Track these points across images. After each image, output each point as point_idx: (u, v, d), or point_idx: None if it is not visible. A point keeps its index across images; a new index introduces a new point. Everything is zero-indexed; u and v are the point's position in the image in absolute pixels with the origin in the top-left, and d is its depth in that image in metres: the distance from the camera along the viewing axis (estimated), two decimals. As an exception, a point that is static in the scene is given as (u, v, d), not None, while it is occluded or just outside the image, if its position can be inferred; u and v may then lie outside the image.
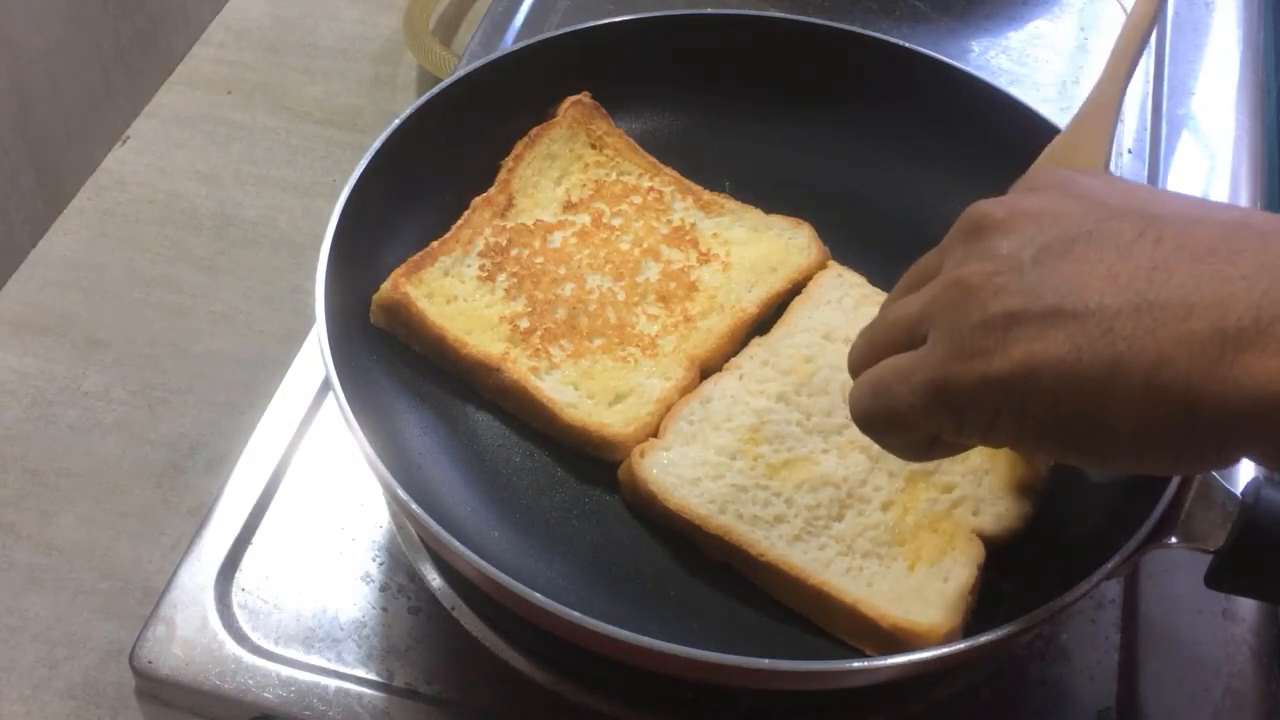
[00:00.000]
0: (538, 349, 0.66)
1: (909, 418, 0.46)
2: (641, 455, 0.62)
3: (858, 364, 0.50)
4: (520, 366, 0.65)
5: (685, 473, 0.62)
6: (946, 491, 0.61)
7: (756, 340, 0.68)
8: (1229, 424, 0.39)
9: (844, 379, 0.65)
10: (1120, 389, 0.40)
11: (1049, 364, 0.41)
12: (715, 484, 0.61)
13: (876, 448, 0.61)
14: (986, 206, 0.45)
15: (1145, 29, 0.68)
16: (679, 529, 0.61)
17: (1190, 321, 0.39)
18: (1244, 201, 0.88)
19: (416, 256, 0.69)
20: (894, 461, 0.62)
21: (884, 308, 0.50)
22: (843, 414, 0.63)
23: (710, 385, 0.66)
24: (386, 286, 0.67)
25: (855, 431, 0.63)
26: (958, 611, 0.56)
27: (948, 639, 0.55)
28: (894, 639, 0.56)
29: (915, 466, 0.62)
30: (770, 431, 0.63)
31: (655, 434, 0.64)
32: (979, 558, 0.59)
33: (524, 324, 0.67)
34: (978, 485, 0.62)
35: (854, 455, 0.63)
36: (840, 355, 0.66)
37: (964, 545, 0.59)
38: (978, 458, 0.63)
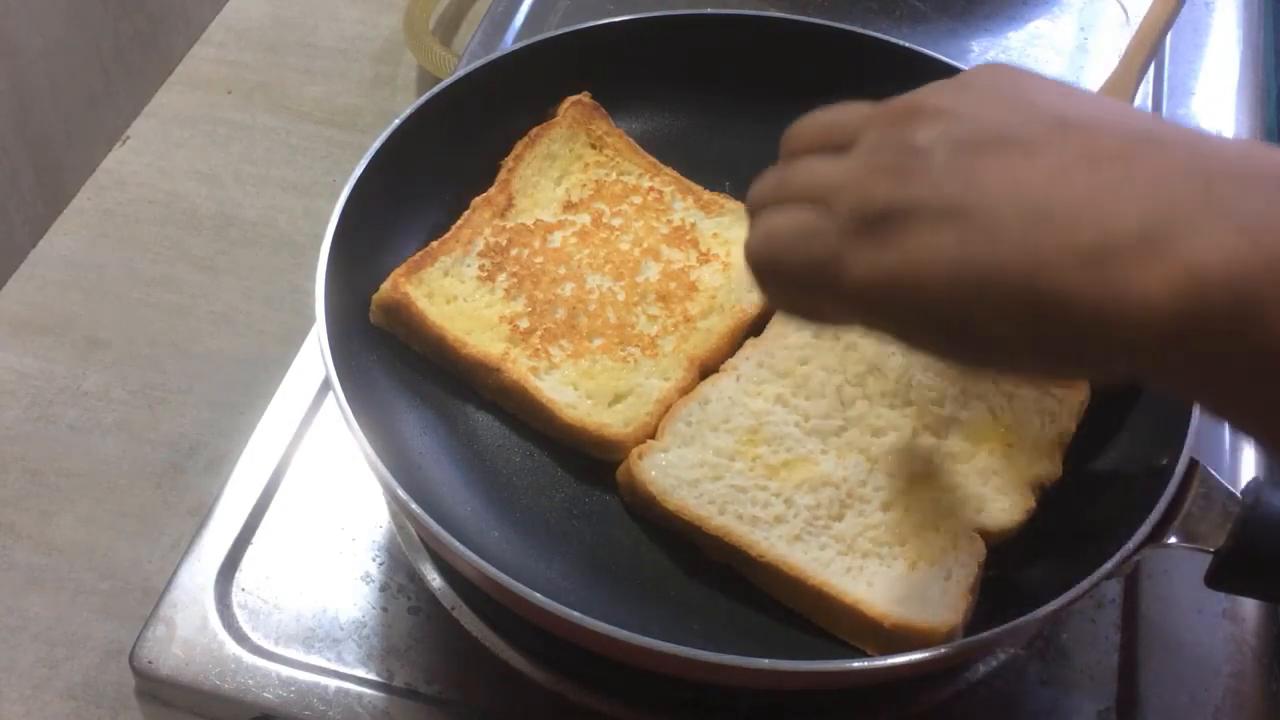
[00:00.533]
0: (537, 349, 0.66)
1: (797, 279, 0.45)
2: (640, 457, 0.62)
3: (758, 201, 0.49)
4: (520, 366, 0.65)
5: (684, 474, 0.62)
6: (950, 491, 0.61)
7: (751, 341, 0.68)
8: (1107, 337, 0.38)
9: (839, 381, 0.65)
10: (996, 294, 0.39)
11: (935, 262, 0.40)
12: (714, 485, 0.61)
13: (875, 449, 0.62)
14: (919, 96, 0.45)
15: (1170, 17, 0.69)
16: (679, 530, 0.61)
17: (1075, 230, 0.38)
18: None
19: (416, 256, 0.69)
20: (894, 463, 0.62)
21: (803, 164, 0.48)
22: (840, 417, 0.64)
23: (708, 386, 0.66)
24: (386, 286, 0.67)
25: (854, 434, 0.63)
26: (959, 610, 0.56)
27: (949, 638, 0.55)
28: (895, 638, 0.56)
29: (917, 468, 0.62)
30: (768, 433, 0.63)
31: (654, 435, 0.64)
32: (980, 556, 0.59)
33: (524, 324, 0.67)
34: (984, 484, 0.62)
35: (853, 457, 0.62)
36: (834, 355, 0.66)
37: (966, 544, 0.59)
38: (987, 458, 0.62)
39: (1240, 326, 0.34)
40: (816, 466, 0.62)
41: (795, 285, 0.46)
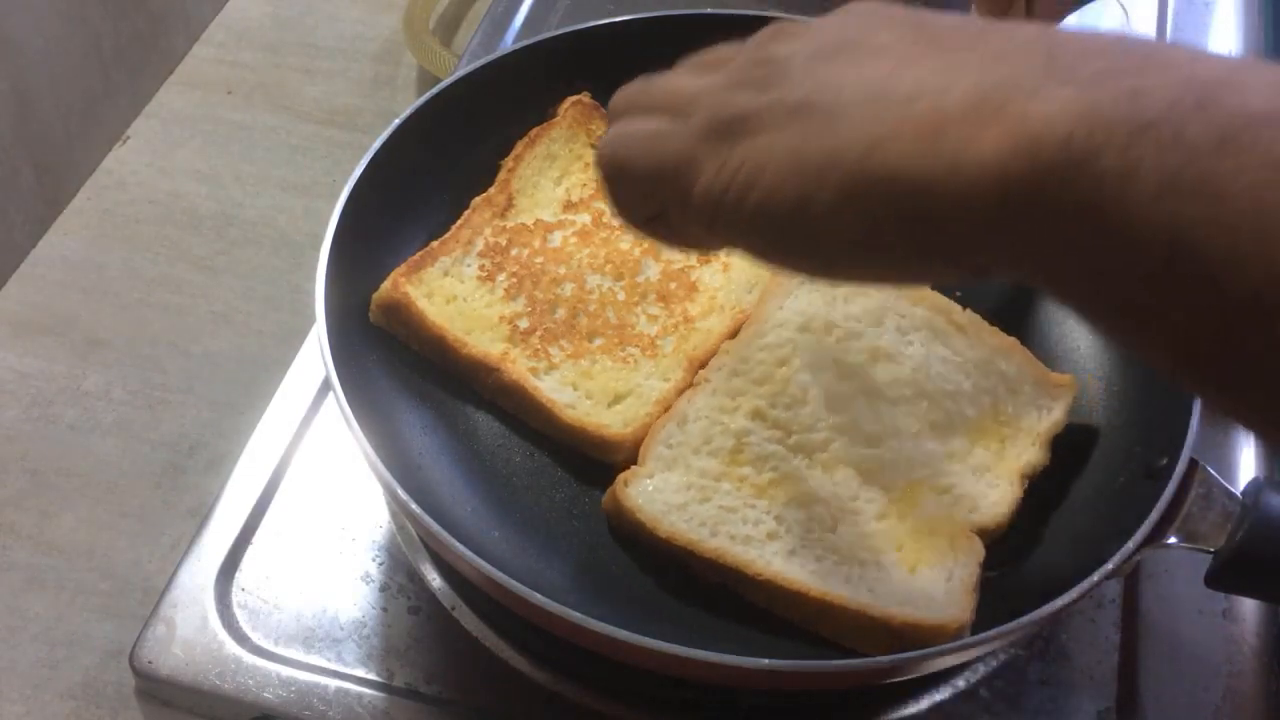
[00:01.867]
0: (537, 349, 0.66)
1: (645, 183, 0.45)
2: (625, 484, 0.61)
3: (618, 109, 0.48)
4: (519, 366, 0.65)
5: (671, 498, 0.60)
6: (944, 493, 0.61)
7: (725, 345, 0.66)
8: (945, 215, 0.36)
9: (823, 384, 0.63)
10: (834, 180, 0.37)
11: (776, 154, 0.39)
12: (703, 507, 0.60)
13: (867, 465, 0.60)
14: (789, 23, 0.45)
15: None
16: (670, 556, 0.60)
17: (910, 106, 0.36)
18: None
19: (416, 256, 0.69)
20: (885, 476, 0.61)
21: (669, 77, 0.48)
22: (825, 426, 0.62)
23: (684, 403, 0.64)
24: (386, 286, 0.67)
25: (841, 446, 0.61)
26: (966, 608, 0.56)
27: (958, 635, 0.55)
28: (905, 636, 0.55)
29: (907, 478, 0.61)
30: (751, 454, 0.62)
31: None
32: (980, 555, 0.58)
33: (523, 324, 0.67)
34: (978, 481, 0.61)
35: (841, 471, 0.61)
36: (818, 351, 0.63)
37: (965, 544, 0.59)
38: (981, 454, 0.62)
39: (1073, 182, 0.33)
40: (804, 484, 0.61)
41: (643, 190, 0.45)
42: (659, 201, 0.45)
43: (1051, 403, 0.64)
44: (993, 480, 0.61)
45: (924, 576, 0.58)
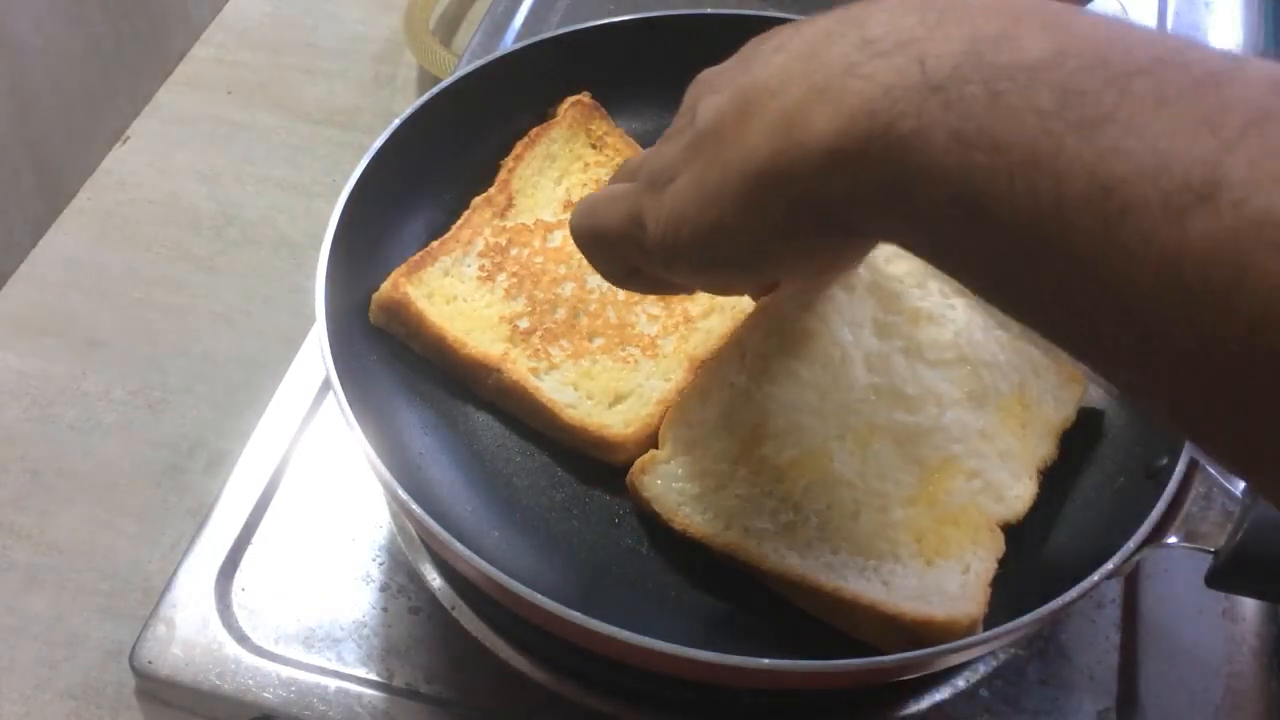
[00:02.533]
0: (537, 349, 0.66)
1: (609, 243, 0.50)
2: (642, 472, 0.60)
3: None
4: (520, 367, 0.65)
5: (687, 488, 0.60)
6: (973, 478, 0.59)
7: (761, 303, 0.63)
8: (817, 192, 0.39)
9: (863, 343, 0.61)
10: (728, 194, 0.42)
11: (688, 193, 0.43)
12: (718, 496, 0.59)
13: (904, 433, 0.59)
14: (711, 69, 0.49)
15: None
16: (688, 541, 0.60)
17: (769, 105, 0.40)
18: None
19: (416, 256, 0.69)
20: (921, 447, 0.59)
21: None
22: (863, 386, 0.60)
23: (708, 376, 0.63)
24: (386, 286, 0.67)
25: (877, 411, 0.59)
26: (980, 603, 0.55)
27: (970, 631, 0.54)
28: (916, 633, 0.54)
29: (943, 453, 0.59)
30: (775, 425, 0.59)
31: (655, 435, 0.63)
32: (1000, 550, 0.58)
33: (524, 324, 0.67)
34: (1003, 468, 0.60)
35: (876, 443, 0.59)
36: (859, 310, 0.61)
37: (986, 538, 0.58)
38: (1008, 439, 0.61)
39: (885, 146, 0.36)
40: (830, 463, 0.59)
41: (610, 249, 0.50)
42: (628, 257, 0.49)
43: (1066, 396, 0.63)
44: (1016, 470, 0.60)
45: (941, 569, 0.57)
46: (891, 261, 0.64)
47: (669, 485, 0.60)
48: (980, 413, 0.61)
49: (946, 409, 0.60)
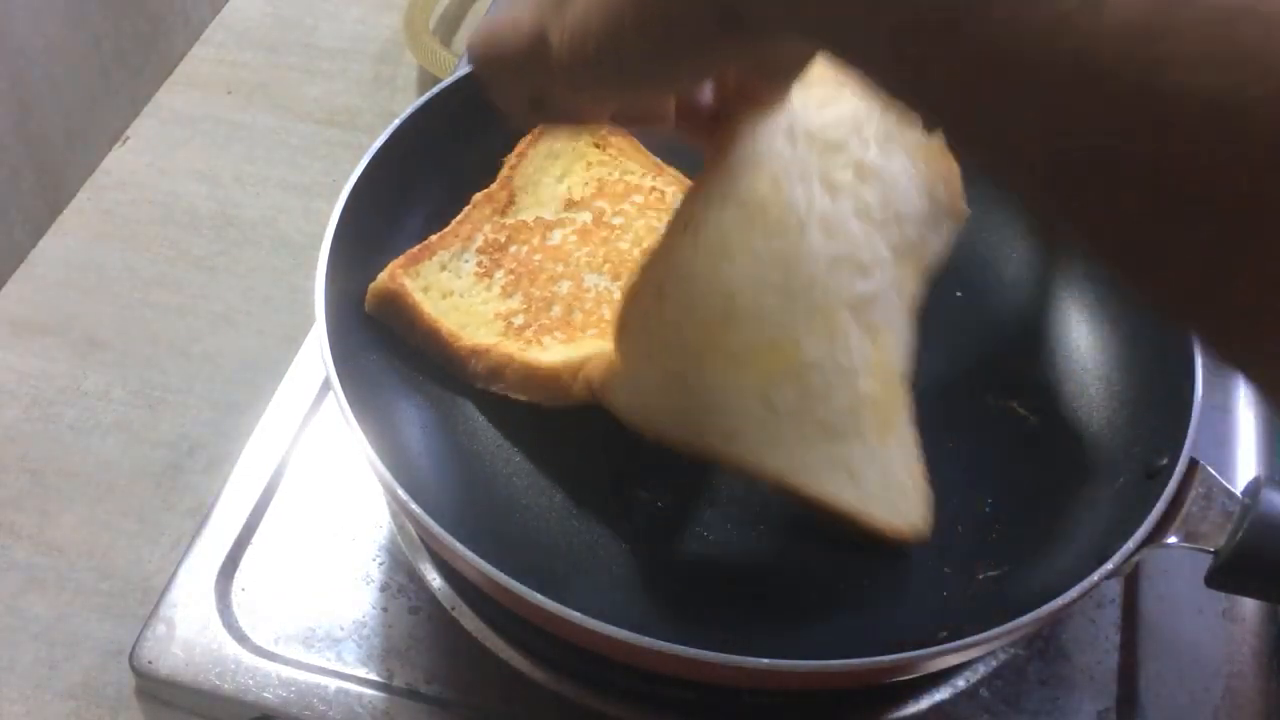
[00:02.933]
0: (530, 341, 0.66)
1: (512, 65, 0.47)
2: (605, 386, 0.54)
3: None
4: (510, 346, 0.65)
5: (651, 399, 0.54)
6: (897, 337, 0.58)
7: (708, 159, 0.52)
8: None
9: (818, 206, 0.54)
10: None
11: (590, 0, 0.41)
12: (687, 400, 0.54)
13: (862, 302, 0.56)
14: None
15: None
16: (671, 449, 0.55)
17: None
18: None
19: (415, 249, 0.69)
20: (876, 312, 0.56)
21: None
22: (826, 256, 0.54)
23: (658, 264, 0.52)
24: (383, 276, 0.67)
25: (839, 281, 0.55)
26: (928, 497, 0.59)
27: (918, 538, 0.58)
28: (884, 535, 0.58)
29: (885, 317, 0.57)
30: (741, 310, 0.52)
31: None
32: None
33: (519, 320, 0.67)
34: (907, 323, 0.59)
35: (839, 315, 0.54)
36: (805, 167, 0.54)
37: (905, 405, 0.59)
38: (911, 288, 0.59)
39: None
40: (797, 350, 0.53)
41: (513, 73, 0.48)
42: (531, 80, 0.47)
43: (944, 231, 0.60)
44: (911, 322, 0.59)
45: (891, 450, 0.57)
46: (823, 107, 0.57)
47: (633, 396, 0.54)
48: (903, 266, 0.59)
49: (889, 269, 0.58)
